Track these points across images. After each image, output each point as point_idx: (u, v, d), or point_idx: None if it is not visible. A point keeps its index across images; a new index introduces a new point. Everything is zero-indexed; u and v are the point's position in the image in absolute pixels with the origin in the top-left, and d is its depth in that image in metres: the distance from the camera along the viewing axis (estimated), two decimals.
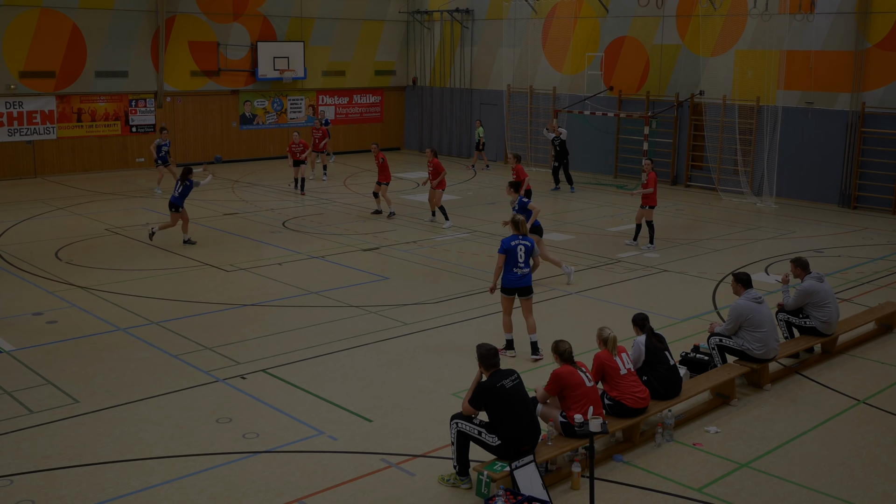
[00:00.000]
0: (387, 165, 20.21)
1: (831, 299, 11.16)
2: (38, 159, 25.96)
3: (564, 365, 8.24)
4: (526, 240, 11.01)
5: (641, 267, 15.99)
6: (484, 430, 7.76)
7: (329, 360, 11.11)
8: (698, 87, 24.87)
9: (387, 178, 20.18)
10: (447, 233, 18.81)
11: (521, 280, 10.97)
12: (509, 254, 10.89)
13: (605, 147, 27.22)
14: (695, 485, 8.00)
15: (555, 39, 28.27)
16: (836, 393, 10.21)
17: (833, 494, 7.83)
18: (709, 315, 13.17)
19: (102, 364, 10.90)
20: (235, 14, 28.85)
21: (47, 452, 8.52)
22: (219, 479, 8.02)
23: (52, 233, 18.48)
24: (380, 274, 15.34)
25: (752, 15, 23.30)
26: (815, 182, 22.91)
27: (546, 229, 18.77)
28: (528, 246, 10.96)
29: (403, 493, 7.82)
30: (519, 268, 10.92)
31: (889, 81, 21.46)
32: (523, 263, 10.94)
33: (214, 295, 13.92)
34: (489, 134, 30.75)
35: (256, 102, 30.07)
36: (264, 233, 18.68)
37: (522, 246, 10.92)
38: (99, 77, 26.55)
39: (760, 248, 17.71)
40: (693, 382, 9.59)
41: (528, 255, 10.96)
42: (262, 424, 9.19)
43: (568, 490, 7.91)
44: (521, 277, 10.97)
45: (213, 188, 24.44)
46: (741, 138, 23.60)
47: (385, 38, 32.79)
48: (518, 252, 10.89)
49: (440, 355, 11.34)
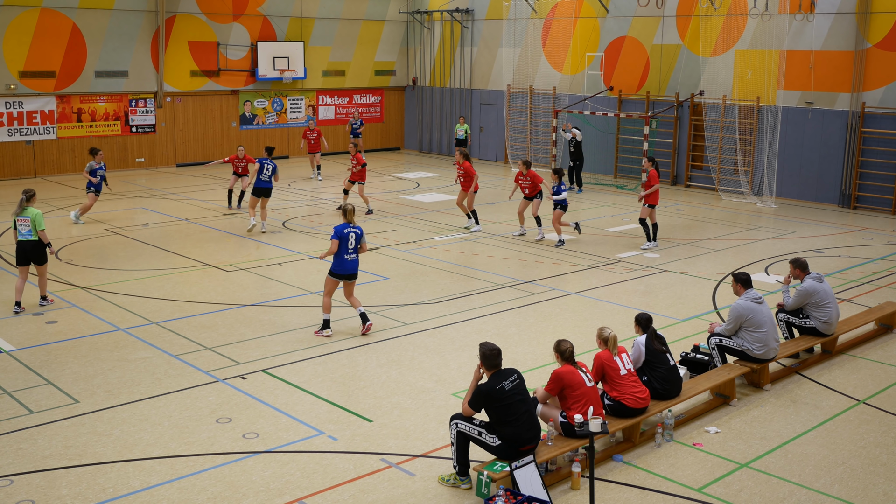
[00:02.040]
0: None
1: (831, 299, 11.17)
2: (38, 159, 25.97)
3: (565, 365, 8.25)
4: (356, 228, 11.92)
5: (641, 267, 15.99)
6: (484, 431, 7.76)
7: (329, 360, 11.11)
8: (698, 87, 24.87)
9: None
10: (448, 233, 18.80)
11: (351, 265, 11.92)
12: (342, 240, 11.75)
13: (605, 147, 27.22)
14: (695, 485, 8.00)
15: (555, 39, 28.27)
16: (836, 393, 10.21)
17: (833, 494, 7.83)
18: (709, 315, 13.17)
19: (102, 364, 10.90)
20: (235, 14, 28.85)
21: (47, 452, 8.52)
22: (219, 479, 8.02)
23: (52, 233, 18.45)
24: (380, 274, 15.34)
25: (752, 15, 23.30)
26: (815, 182, 22.91)
27: (545, 229, 18.82)
28: (357, 234, 11.91)
29: (403, 493, 7.82)
30: (349, 254, 11.85)
31: (889, 81, 21.46)
32: (353, 250, 11.88)
33: (214, 295, 13.92)
34: (489, 133, 30.77)
35: (256, 102, 30.07)
36: (264, 233, 18.68)
37: (353, 233, 11.86)
38: (99, 77, 26.56)
39: (760, 248, 17.71)
40: (693, 382, 9.59)
41: (357, 241, 11.90)
42: (262, 424, 9.18)
43: (568, 490, 7.91)
44: (351, 263, 11.91)
45: (213, 188, 24.44)
46: (741, 138, 23.61)
47: (385, 38, 32.79)
48: (349, 239, 11.81)
49: (440, 355, 11.34)
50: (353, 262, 11.95)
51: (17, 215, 12.83)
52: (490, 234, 18.60)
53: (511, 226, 19.43)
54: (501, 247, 17.46)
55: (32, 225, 12.81)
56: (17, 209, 12.84)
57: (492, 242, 17.82)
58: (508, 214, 20.73)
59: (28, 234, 12.84)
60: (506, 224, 19.72)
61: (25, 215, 12.83)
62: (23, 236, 12.86)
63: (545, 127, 28.66)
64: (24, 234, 12.85)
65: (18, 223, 12.83)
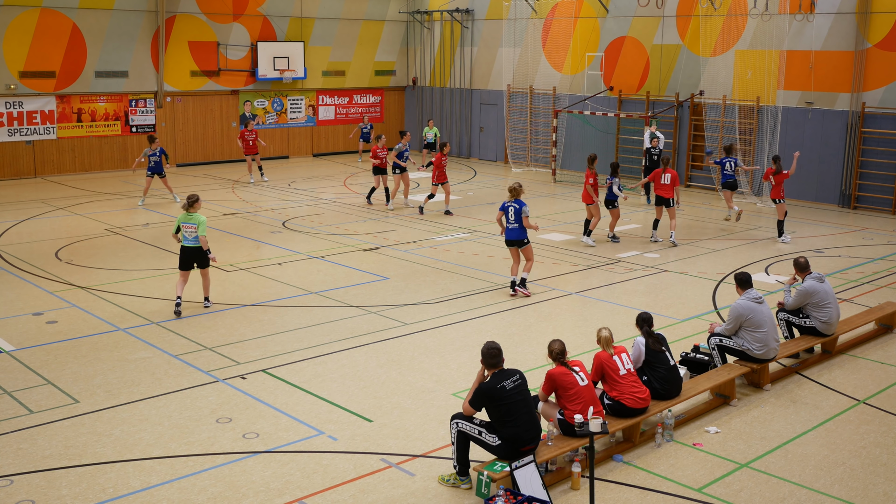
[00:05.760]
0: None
1: (832, 299, 11.16)
2: (38, 159, 25.96)
3: (558, 366, 8.24)
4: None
5: (641, 267, 15.99)
6: (484, 430, 7.76)
7: (329, 360, 11.11)
8: (698, 87, 24.87)
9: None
10: (448, 233, 18.81)
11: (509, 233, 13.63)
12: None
13: (606, 147, 27.20)
14: (695, 485, 8.00)
15: (555, 39, 28.27)
16: (836, 393, 10.20)
17: (833, 494, 7.83)
18: (709, 315, 13.16)
19: (102, 364, 10.90)
20: (235, 14, 28.85)
21: (47, 452, 8.53)
22: (219, 479, 8.02)
23: (52, 233, 18.48)
24: (380, 274, 15.34)
25: (752, 15, 23.30)
26: (815, 182, 22.91)
27: (545, 229, 18.84)
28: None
29: (403, 493, 7.82)
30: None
31: (889, 81, 21.46)
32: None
33: (214, 295, 13.92)
34: (489, 133, 30.76)
35: (256, 102, 30.07)
36: (264, 233, 18.69)
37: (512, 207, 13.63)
38: (99, 77, 26.55)
39: (760, 248, 17.71)
40: (693, 382, 9.59)
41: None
42: (262, 424, 9.19)
43: (568, 490, 7.91)
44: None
45: (213, 188, 24.45)
46: (741, 138, 23.60)
47: (385, 38, 32.79)
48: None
49: (440, 355, 11.34)
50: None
51: (182, 221, 12.88)
52: (490, 234, 18.60)
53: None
54: (502, 247, 17.45)
55: (198, 230, 12.85)
56: (182, 214, 12.92)
57: (492, 242, 17.82)
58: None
59: (195, 240, 12.88)
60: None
61: (192, 221, 12.85)
62: (188, 242, 12.91)
63: (545, 127, 28.66)
64: (191, 241, 12.89)
65: (184, 229, 12.89)
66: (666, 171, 17.53)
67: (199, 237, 12.82)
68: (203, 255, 13.00)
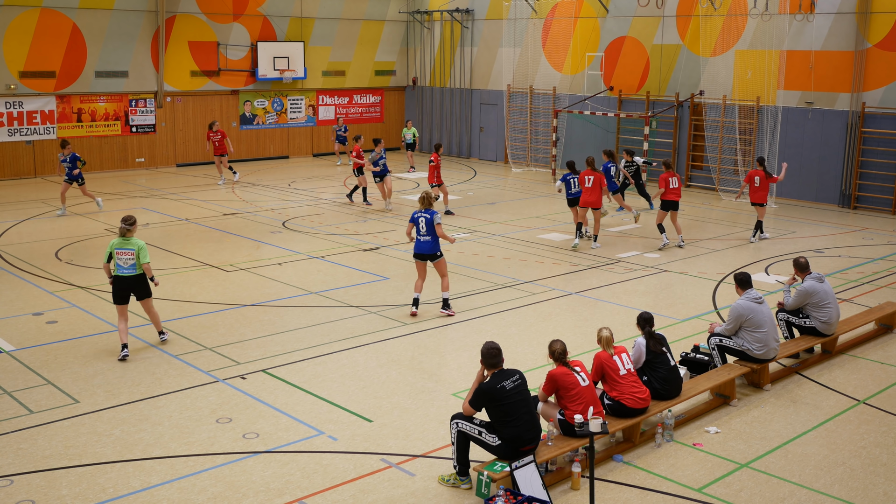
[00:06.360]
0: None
1: (831, 299, 11.16)
2: (38, 159, 25.96)
3: (559, 366, 8.24)
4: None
5: (641, 267, 15.99)
6: (484, 430, 7.76)
7: (329, 360, 11.11)
8: (698, 87, 24.86)
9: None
10: (448, 233, 18.77)
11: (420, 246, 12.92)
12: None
13: (605, 147, 27.18)
14: (695, 485, 8.00)
15: (555, 39, 28.27)
16: (836, 393, 10.20)
17: (833, 494, 7.83)
18: (709, 315, 13.16)
19: (102, 364, 10.90)
20: (235, 14, 28.85)
21: (47, 452, 8.53)
22: (219, 479, 8.02)
23: (52, 233, 18.48)
24: (380, 274, 15.34)
25: (752, 15, 23.30)
26: (815, 182, 22.91)
27: (545, 229, 18.83)
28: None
29: (403, 493, 7.82)
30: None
31: (889, 81, 21.46)
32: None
33: (214, 295, 13.92)
34: (489, 133, 30.75)
35: (256, 102, 30.07)
36: (264, 233, 18.69)
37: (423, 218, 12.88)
38: (99, 77, 26.55)
39: (760, 248, 17.71)
40: (693, 382, 9.59)
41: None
42: (262, 424, 9.19)
43: (568, 490, 7.91)
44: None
45: (213, 188, 24.44)
46: (741, 138, 23.60)
47: (385, 38, 32.79)
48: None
49: (440, 355, 11.34)
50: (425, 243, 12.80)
51: (116, 247, 11.09)
52: (490, 234, 18.60)
53: (509, 226, 19.44)
54: (501, 247, 17.46)
55: (136, 258, 11.09)
56: (116, 239, 11.16)
57: (492, 242, 17.82)
58: (508, 214, 20.75)
59: (131, 268, 11.06)
60: (506, 224, 19.72)
61: (129, 247, 11.09)
62: (124, 271, 11.07)
63: (545, 127, 28.66)
64: (126, 270, 11.07)
65: (118, 255, 11.07)
66: (672, 175, 17.29)
67: (143, 265, 11.08)
68: (142, 284, 11.21)
